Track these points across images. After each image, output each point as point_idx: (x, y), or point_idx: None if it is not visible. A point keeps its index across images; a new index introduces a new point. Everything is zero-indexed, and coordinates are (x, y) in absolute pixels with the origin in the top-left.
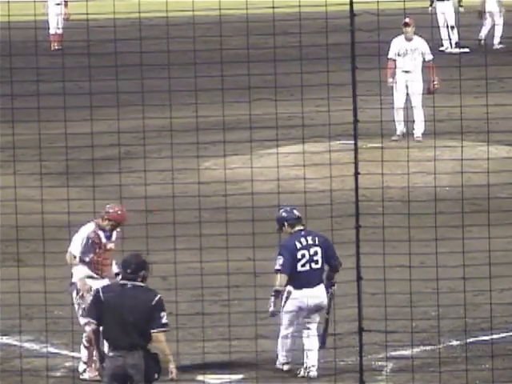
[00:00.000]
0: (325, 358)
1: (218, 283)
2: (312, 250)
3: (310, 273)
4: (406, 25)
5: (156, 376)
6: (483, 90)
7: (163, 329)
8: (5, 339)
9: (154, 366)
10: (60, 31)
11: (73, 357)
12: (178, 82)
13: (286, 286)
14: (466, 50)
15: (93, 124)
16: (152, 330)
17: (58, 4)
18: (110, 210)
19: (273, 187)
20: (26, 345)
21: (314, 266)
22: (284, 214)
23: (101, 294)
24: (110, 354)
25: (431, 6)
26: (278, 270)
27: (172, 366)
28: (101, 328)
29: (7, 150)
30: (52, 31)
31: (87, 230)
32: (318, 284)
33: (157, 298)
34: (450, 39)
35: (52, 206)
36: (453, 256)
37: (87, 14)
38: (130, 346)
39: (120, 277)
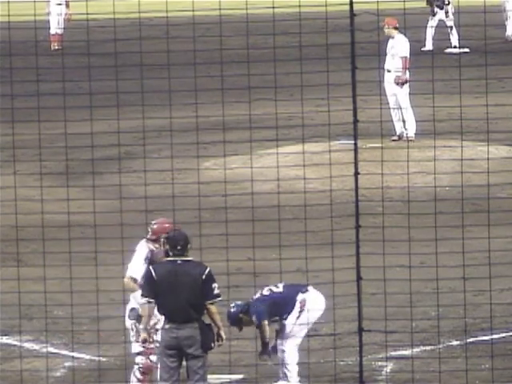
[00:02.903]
0: (325, 358)
1: (218, 283)
2: (266, 288)
3: (288, 285)
4: (384, 25)
5: (212, 345)
6: (483, 90)
7: (216, 299)
8: (5, 339)
9: (209, 335)
10: (60, 31)
11: (73, 357)
12: (178, 82)
13: (291, 303)
14: (466, 50)
15: (93, 124)
16: (206, 302)
17: (60, 4)
18: (166, 225)
19: (273, 187)
20: (26, 345)
21: (280, 285)
22: (235, 310)
23: (153, 273)
24: (166, 326)
25: (433, 13)
26: (259, 322)
27: (222, 333)
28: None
29: (7, 150)
30: (53, 31)
31: (145, 249)
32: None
33: (207, 271)
34: (450, 40)
35: (52, 206)
36: (453, 256)
37: (87, 13)
38: (184, 319)
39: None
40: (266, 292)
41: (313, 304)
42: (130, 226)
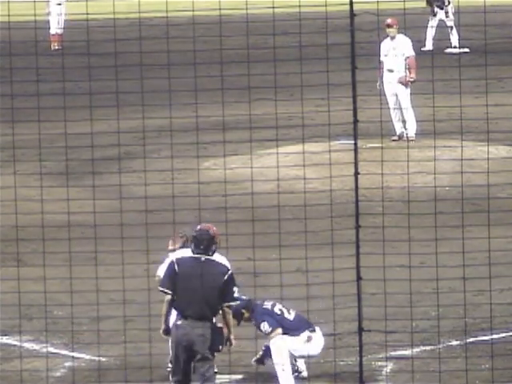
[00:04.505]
0: (325, 358)
1: None
2: (278, 305)
3: (300, 316)
4: (388, 26)
5: (220, 348)
6: (483, 90)
7: (234, 303)
8: (5, 339)
9: (219, 337)
10: (60, 31)
11: (73, 357)
12: (178, 82)
13: (296, 334)
14: (466, 50)
15: (93, 124)
16: (224, 304)
17: (59, 4)
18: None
19: (273, 187)
20: (26, 345)
21: (292, 312)
22: (238, 303)
23: (175, 266)
24: (179, 322)
25: (434, 13)
26: (271, 330)
27: (232, 337)
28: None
29: (7, 150)
30: (53, 31)
31: None
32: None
33: (229, 273)
34: (450, 40)
35: (52, 206)
36: (453, 256)
37: (87, 13)
38: (199, 316)
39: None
40: (277, 311)
41: (315, 344)
42: (129, 226)
